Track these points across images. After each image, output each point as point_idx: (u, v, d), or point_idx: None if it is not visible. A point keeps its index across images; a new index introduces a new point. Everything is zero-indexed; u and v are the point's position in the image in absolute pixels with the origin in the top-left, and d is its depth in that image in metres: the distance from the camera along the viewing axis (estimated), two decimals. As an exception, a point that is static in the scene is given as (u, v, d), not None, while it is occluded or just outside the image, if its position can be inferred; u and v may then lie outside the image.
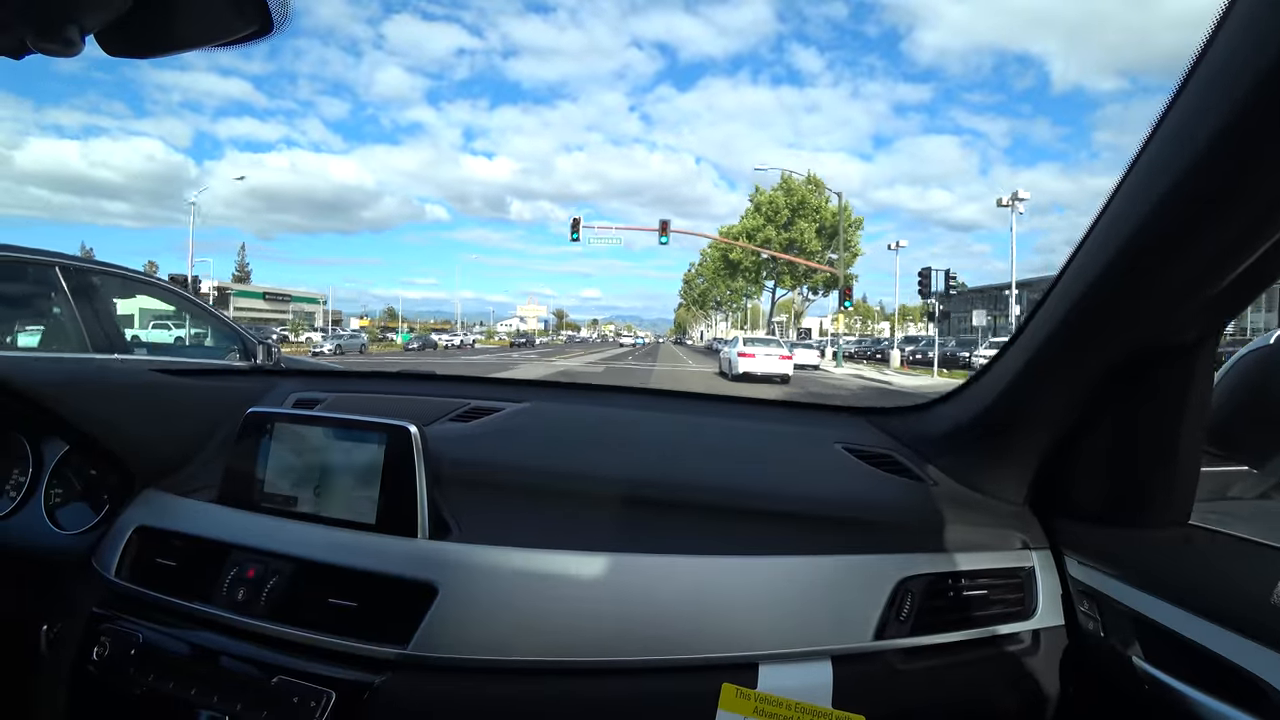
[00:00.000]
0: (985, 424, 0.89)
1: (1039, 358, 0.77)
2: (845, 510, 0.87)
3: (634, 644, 0.73)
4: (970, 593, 0.82)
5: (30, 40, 0.46)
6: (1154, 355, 0.69)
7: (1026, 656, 0.81)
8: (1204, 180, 0.53)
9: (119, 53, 0.51)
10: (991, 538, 0.85)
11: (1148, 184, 0.58)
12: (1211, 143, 0.51)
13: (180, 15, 0.50)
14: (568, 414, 1.17)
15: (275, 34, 0.51)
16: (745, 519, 0.85)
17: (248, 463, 0.87)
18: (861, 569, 0.79)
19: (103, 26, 0.48)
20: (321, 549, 0.79)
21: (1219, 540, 0.73)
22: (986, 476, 0.89)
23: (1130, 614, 0.71)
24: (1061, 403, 0.78)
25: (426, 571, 0.75)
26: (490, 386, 1.35)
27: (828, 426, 1.13)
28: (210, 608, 0.80)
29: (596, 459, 0.97)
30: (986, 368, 0.89)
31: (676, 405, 1.28)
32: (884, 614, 0.77)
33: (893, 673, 0.76)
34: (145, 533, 0.89)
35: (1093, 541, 0.81)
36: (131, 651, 0.80)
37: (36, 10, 0.45)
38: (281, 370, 1.36)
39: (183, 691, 0.76)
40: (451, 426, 1.07)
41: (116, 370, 1.05)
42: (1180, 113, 0.54)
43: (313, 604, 0.77)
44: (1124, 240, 0.61)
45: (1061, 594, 0.84)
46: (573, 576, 0.75)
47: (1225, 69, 0.49)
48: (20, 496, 1.05)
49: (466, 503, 0.85)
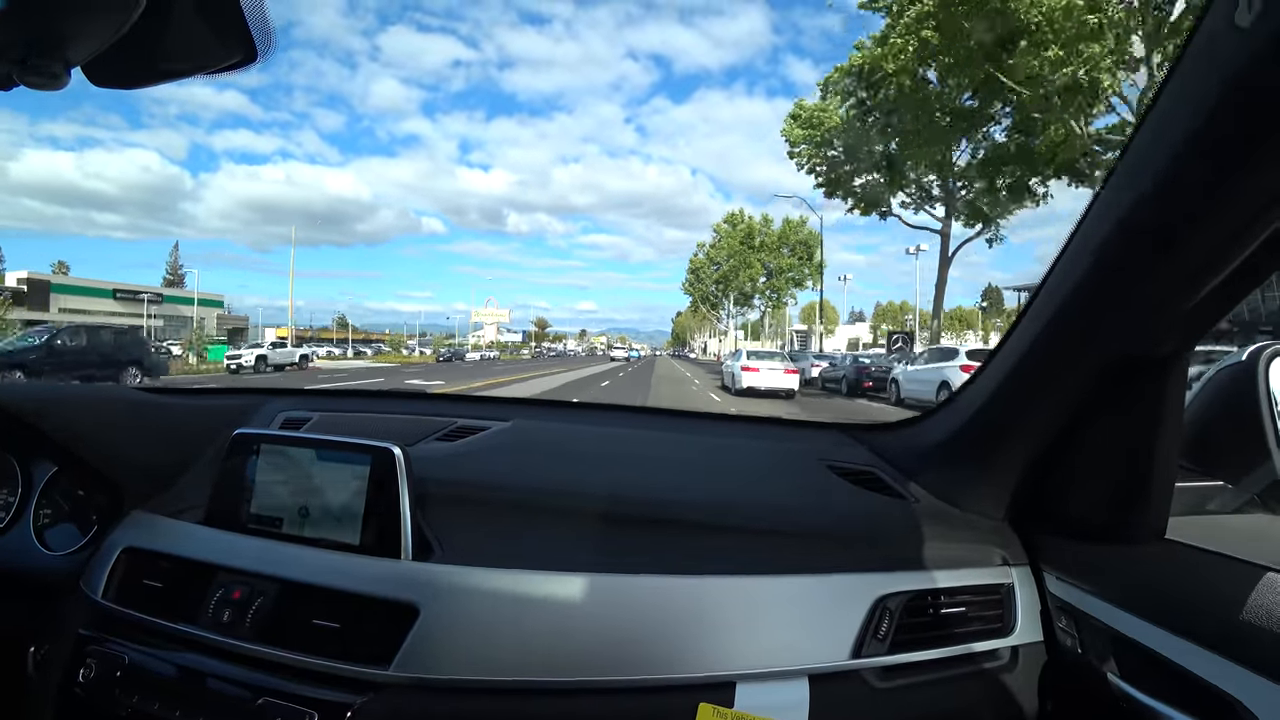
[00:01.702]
0: (965, 440, 0.90)
1: (1016, 374, 0.78)
2: (825, 528, 0.88)
3: (613, 664, 0.73)
4: (949, 610, 0.82)
5: (16, 74, 0.47)
6: (1129, 369, 0.71)
7: (1005, 674, 0.81)
8: (1175, 197, 0.54)
9: (104, 84, 0.53)
10: (971, 554, 0.86)
11: (1120, 200, 0.59)
12: (1181, 160, 0.52)
13: (164, 47, 0.51)
14: (552, 432, 1.18)
15: (259, 63, 0.53)
16: (725, 536, 0.85)
17: (234, 484, 0.87)
18: (840, 587, 0.80)
19: (88, 59, 0.49)
20: (306, 570, 0.80)
21: (1194, 556, 0.74)
22: (967, 492, 0.90)
23: (1107, 631, 0.72)
24: (1039, 418, 0.79)
25: (409, 592, 0.75)
26: (478, 405, 1.36)
27: (812, 443, 1.14)
28: (196, 629, 0.80)
29: (579, 477, 0.97)
30: (966, 385, 0.90)
31: (662, 423, 1.29)
32: (861, 632, 0.77)
33: (870, 691, 0.77)
34: (133, 554, 0.89)
35: (1071, 557, 0.82)
36: (118, 673, 0.81)
37: (21, 45, 0.46)
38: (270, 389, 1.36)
39: (168, 713, 0.76)
40: (437, 446, 1.08)
41: (105, 390, 1.05)
42: (1150, 132, 0.56)
43: (297, 625, 0.77)
44: (1097, 257, 0.63)
45: (1040, 610, 0.84)
46: (553, 597, 0.75)
47: (1188, 90, 0.51)
48: (9, 517, 1.05)
49: (450, 522, 0.86)
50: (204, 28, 0.50)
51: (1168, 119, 0.54)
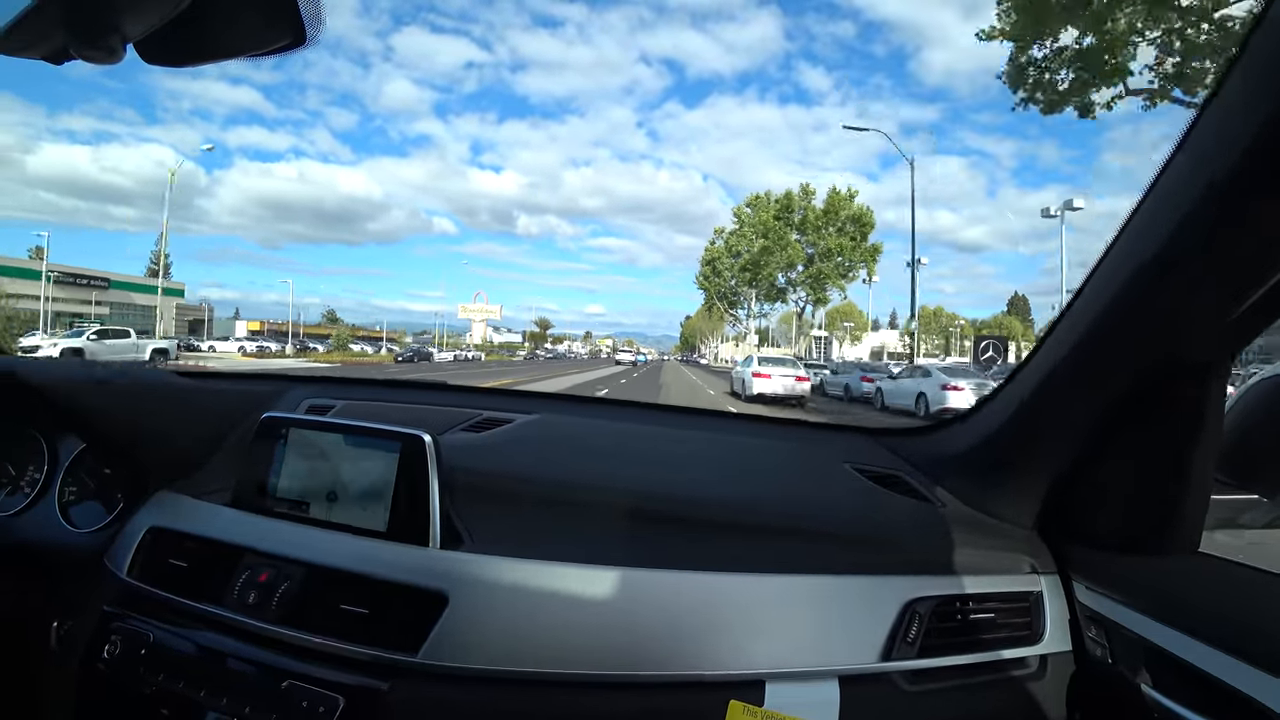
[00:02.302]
0: (995, 447, 0.89)
1: (1050, 381, 0.77)
2: (853, 530, 0.87)
3: (642, 659, 0.73)
4: (978, 616, 0.82)
5: (74, 48, 0.48)
6: (1166, 380, 0.70)
7: (1033, 682, 0.80)
8: (1222, 204, 0.53)
9: (156, 61, 0.53)
10: (1000, 561, 0.85)
11: (1166, 207, 0.58)
12: (1230, 166, 0.51)
13: (217, 26, 0.51)
14: (579, 427, 1.18)
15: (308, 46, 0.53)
16: (754, 535, 0.85)
17: (261, 467, 0.87)
18: (869, 589, 0.79)
19: (143, 35, 0.49)
20: (333, 555, 0.80)
21: (1228, 569, 0.73)
22: (995, 500, 0.89)
23: (1139, 641, 0.71)
24: (1072, 427, 0.78)
25: (437, 581, 0.75)
26: (503, 398, 1.37)
27: (836, 445, 1.13)
28: (221, 610, 0.80)
29: (607, 472, 0.97)
30: (997, 390, 0.89)
31: (686, 421, 1.29)
32: (891, 635, 0.77)
33: (899, 694, 0.76)
34: (158, 533, 0.90)
35: (1102, 567, 0.81)
36: (142, 650, 0.81)
37: (80, 19, 0.46)
38: (295, 375, 1.37)
39: (192, 692, 0.77)
40: (464, 436, 1.08)
41: (134, 371, 1.06)
42: (1200, 137, 0.55)
43: (323, 609, 0.77)
44: (1140, 264, 0.61)
45: (1069, 619, 0.83)
46: (582, 590, 0.75)
47: (1247, 90, 0.50)
48: (35, 493, 1.06)
49: (478, 513, 0.85)
50: (257, 8, 0.50)
51: (1216, 126, 0.53)
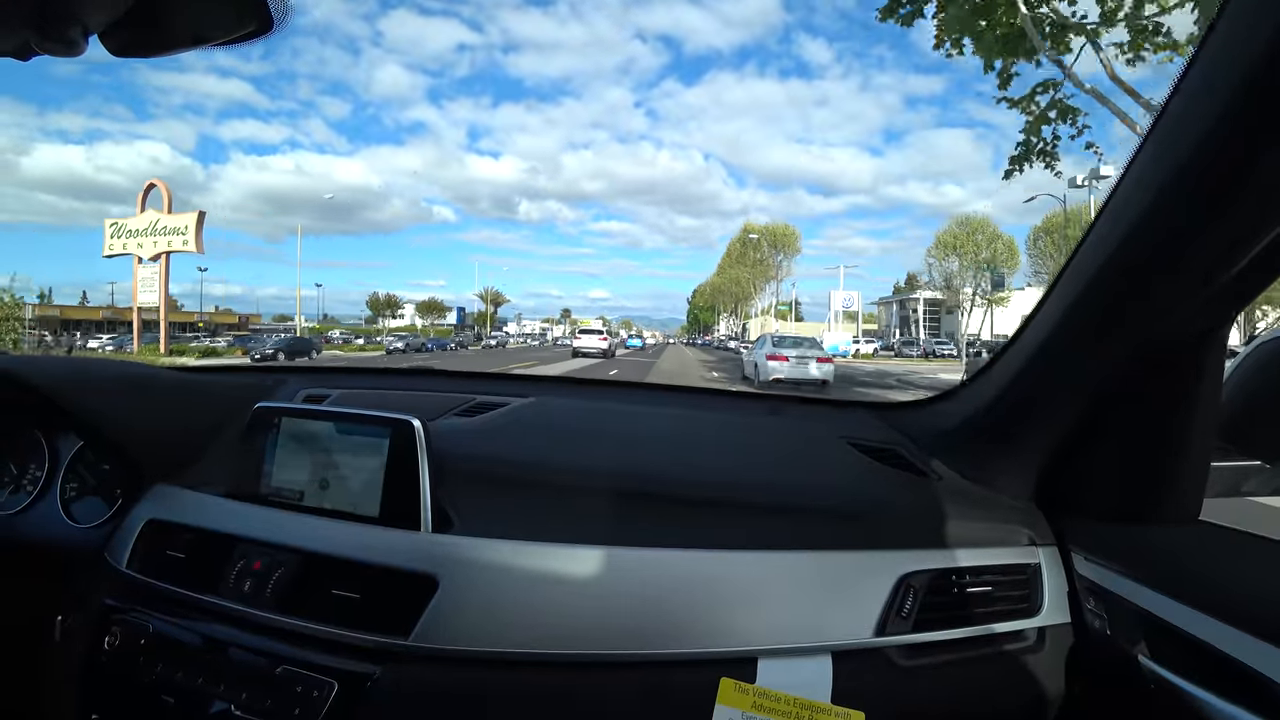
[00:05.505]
0: (991, 419, 0.88)
1: (1045, 351, 0.76)
2: (847, 504, 0.87)
3: (633, 637, 0.73)
4: (974, 589, 0.81)
5: (34, 41, 0.47)
6: (1163, 347, 0.68)
7: (1031, 654, 0.80)
8: (1209, 167, 0.52)
9: (121, 52, 0.52)
10: (996, 533, 0.84)
11: (1153, 173, 0.57)
12: (1215, 128, 0.50)
13: (181, 14, 0.51)
14: (571, 409, 1.18)
15: (274, 32, 0.52)
16: (746, 513, 0.85)
17: (255, 457, 0.88)
18: (863, 564, 0.79)
19: (105, 26, 0.49)
20: (326, 541, 0.81)
21: (1230, 537, 0.72)
22: (992, 472, 0.88)
23: (1138, 612, 0.70)
24: (1069, 396, 0.77)
25: (428, 564, 0.76)
26: (499, 382, 1.37)
27: (832, 420, 1.13)
28: (218, 599, 0.82)
29: (599, 453, 0.97)
30: (992, 361, 0.88)
31: (683, 400, 1.29)
32: (885, 610, 0.76)
33: (893, 669, 0.76)
34: (156, 526, 0.91)
35: (1100, 538, 0.80)
36: (142, 641, 0.82)
37: (40, 11, 0.45)
38: (292, 367, 1.38)
39: (191, 681, 0.78)
40: (457, 421, 1.08)
41: (128, 366, 1.07)
42: (1183, 99, 0.53)
43: (317, 596, 0.78)
44: (1130, 230, 0.60)
45: (1068, 591, 0.83)
46: (573, 570, 0.75)
47: (1223, 56, 0.49)
48: (37, 491, 1.08)
49: (470, 496, 0.86)
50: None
51: (1199, 87, 0.52)
